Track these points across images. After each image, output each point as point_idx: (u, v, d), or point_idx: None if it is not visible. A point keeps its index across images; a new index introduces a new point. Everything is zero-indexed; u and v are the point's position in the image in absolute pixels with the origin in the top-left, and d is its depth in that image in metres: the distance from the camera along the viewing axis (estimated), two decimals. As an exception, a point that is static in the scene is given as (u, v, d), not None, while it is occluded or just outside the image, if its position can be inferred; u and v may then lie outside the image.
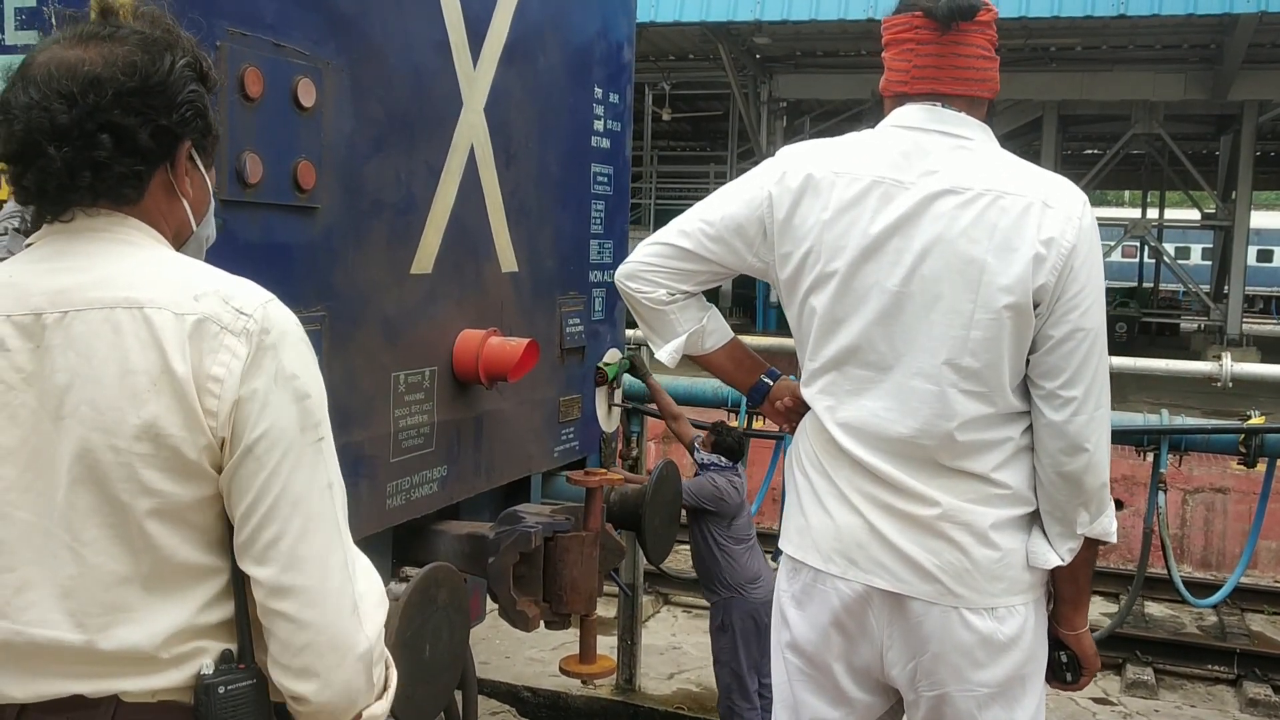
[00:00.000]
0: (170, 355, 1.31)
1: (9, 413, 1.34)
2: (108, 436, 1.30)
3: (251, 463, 1.33)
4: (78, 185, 1.36)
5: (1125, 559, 8.17)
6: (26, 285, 1.37)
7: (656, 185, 24.21)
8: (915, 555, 2.13)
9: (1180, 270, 21.46)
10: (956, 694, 2.16)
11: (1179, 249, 29.97)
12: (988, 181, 2.10)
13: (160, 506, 1.33)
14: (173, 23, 1.44)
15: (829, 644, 2.25)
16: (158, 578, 1.34)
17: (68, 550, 1.33)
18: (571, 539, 3.00)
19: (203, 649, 1.37)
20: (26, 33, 2.12)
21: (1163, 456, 4.29)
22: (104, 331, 1.32)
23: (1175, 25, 14.21)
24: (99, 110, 1.33)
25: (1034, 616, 2.19)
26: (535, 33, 3.22)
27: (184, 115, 1.41)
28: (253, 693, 1.37)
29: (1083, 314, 2.09)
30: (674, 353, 2.43)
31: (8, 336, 1.34)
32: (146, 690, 1.34)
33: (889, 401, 2.14)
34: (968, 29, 2.15)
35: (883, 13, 2.46)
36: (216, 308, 1.34)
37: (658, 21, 14.43)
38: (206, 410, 1.31)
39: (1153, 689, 5.93)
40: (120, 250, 1.39)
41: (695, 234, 2.32)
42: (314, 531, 1.37)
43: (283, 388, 1.35)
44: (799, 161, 2.24)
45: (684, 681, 5.59)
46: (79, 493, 1.32)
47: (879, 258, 2.13)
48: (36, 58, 1.37)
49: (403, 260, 2.73)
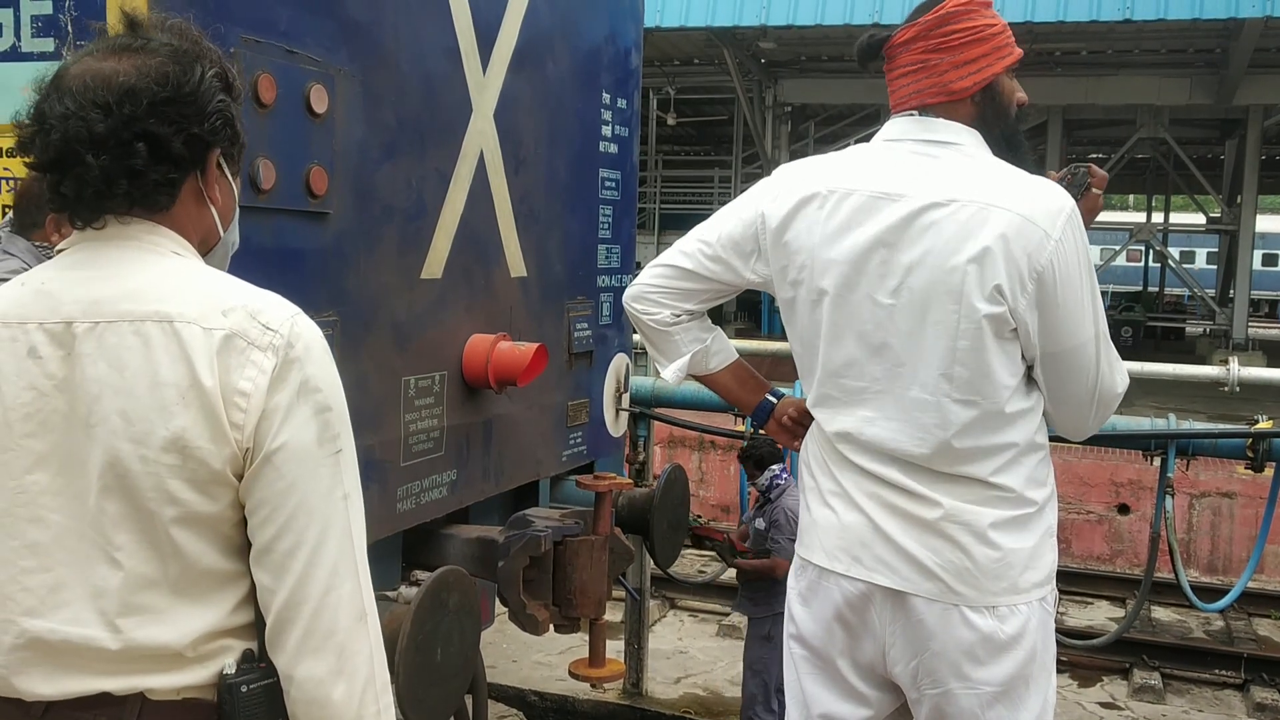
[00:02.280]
0: (199, 369, 1.34)
1: (40, 419, 1.36)
2: (137, 447, 1.33)
3: (270, 472, 1.36)
4: (114, 193, 1.38)
5: (1132, 564, 8.16)
6: (59, 294, 1.39)
7: (661, 190, 24.23)
8: (917, 553, 2.16)
9: (1185, 274, 21.45)
10: (959, 692, 2.18)
11: (1184, 253, 29.92)
12: (972, 194, 2.13)
13: (185, 515, 1.35)
14: (199, 34, 1.47)
15: (833, 639, 2.28)
16: (187, 582, 1.37)
17: (100, 553, 1.36)
18: (581, 543, 3.01)
19: (227, 647, 1.40)
20: (43, 40, 2.14)
21: (1170, 461, 4.28)
22: (134, 344, 1.35)
23: (1180, 29, 14.21)
24: (135, 119, 1.35)
25: (1037, 617, 2.20)
26: (544, 39, 3.24)
27: (214, 124, 1.43)
28: (271, 691, 1.39)
29: (1073, 331, 2.13)
30: (678, 372, 2.50)
31: (40, 344, 1.37)
32: (172, 688, 1.37)
33: (887, 412, 2.18)
34: (893, 53, 2.27)
35: (888, 18, 2.50)
36: (244, 323, 1.37)
37: (663, 26, 14.47)
38: (233, 424, 1.34)
39: (1160, 694, 5.92)
40: (150, 259, 1.41)
41: (695, 254, 2.41)
42: (328, 541, 1.39)
43: (305, 401, 1.38)
44: (792, 179, 2.31)
45: (690, 685, 5.59)
46: (109, 500, 1.35)
47: (869, 271, 2.17)
48: (70, 69, 1.40)
49: (413, 265, 2.75)
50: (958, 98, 2.22)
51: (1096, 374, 2.19)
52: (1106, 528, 8.45)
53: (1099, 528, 8.43)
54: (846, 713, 2.30)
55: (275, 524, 1.37)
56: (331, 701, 1.39)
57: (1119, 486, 8.34)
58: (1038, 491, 2.21)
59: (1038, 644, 2.21)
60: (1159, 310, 25.17)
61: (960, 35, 2.20)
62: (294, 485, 1.37)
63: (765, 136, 18.16)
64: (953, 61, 2.21)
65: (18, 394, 1.36)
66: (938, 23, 2.20)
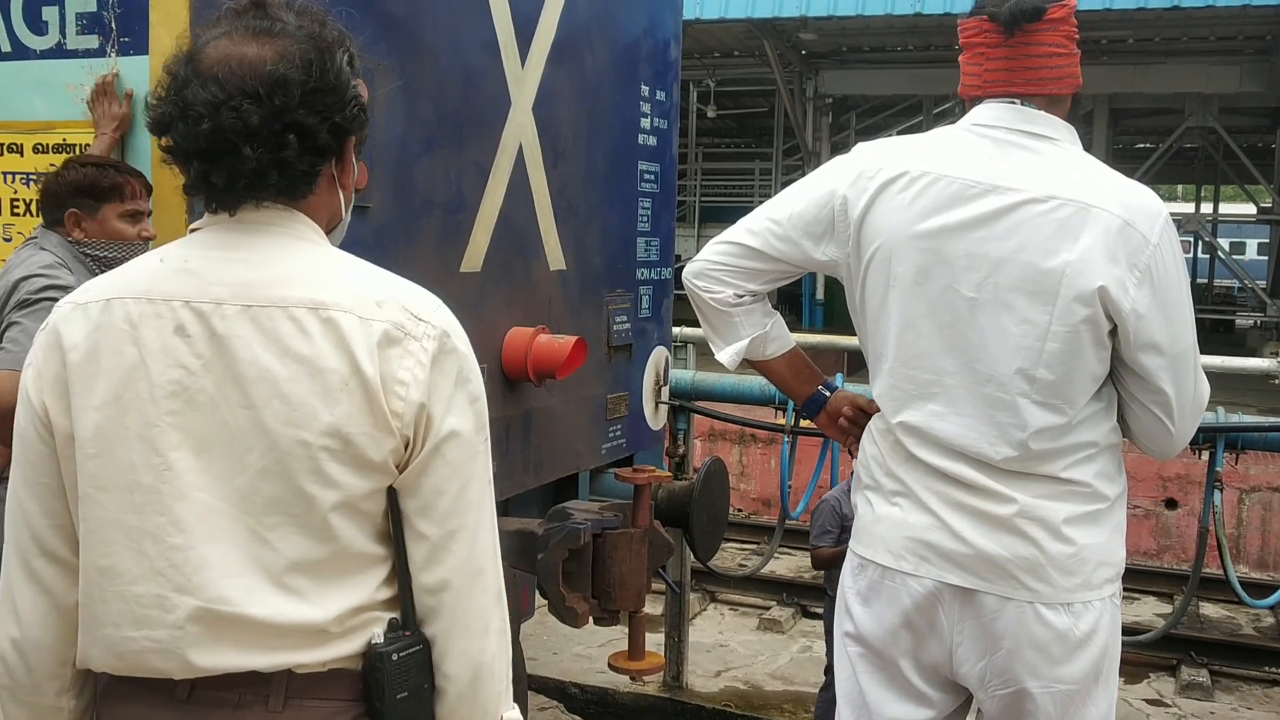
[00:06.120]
0: (360, 358, 1.36)
1: (187, 397, 1.37)
2: (297, 431, 1.36)
3: (436, 460, 1.41)
4: (265, 183, 1.39)
5: (1180, 559, 8.04)
6: (204, 273, 1.40)
7: (701, 182, 24.16)
8: (989, 550, 2.11)
9: (1236, 266, 21.06)
10: (1036, 691, 2.14)
11: (1234, 244, 29.41)
12: (1071, 192, 2.06)
13: (342, 500, 1.38)
14: (324, 14, 1.46)
15: (897, 641, 2.22)
16: (336, 563, 1.40)
17: (249, 532, 1.37)
18: (620, 535, 3.01)
19: (373, 619, 1.43)
20: (88, 37, 2.17)
21: (1218, 455, 4.21)
22: (290, 330, 1.37)
23: (1230, 16, 13.94)
24: (286, 110, 1.36)
25: (1109, 613, 2.16)
26: (583, 32, 3.23)
27: (352, 112, 1.44)
28: (421, 656, 1.44)
29: (1173, 337, 2.08)
30: (735, 355, 2.42)
31: (187, 322, 1.38)
32: (319, 661, 1.40)
33: (959, 408, 2.13)
34: (1036, 29, 2.12)
35: (930, 8, 2.45)
36: (399, 315, 1.40)
37: (703, 19, 14.39)
38: (393, 411, 1.37)
39: (1208, 691, 5.83)
40: (292, 245, 1.43)
41: (763, 233, 2.31)
42: (483, 525, 1.47)
43: (461, 390, 1.43)
44: (875, 160, 2.21)
45: (730, 679, 5.58)
46: (265, 481, 1.37)
47: (953, 261, 2.10)
48: (206, 51, 1.38)
49: (452, 259, 2.76)
50: (1075, 91, 2.17)
51: (1195, 383, 2.13)
52: (1154, 523, 8.33)
53: (1146, 523, 8.31)
54: (907, 714, 2.25)
55: (439, 509, 1.42)
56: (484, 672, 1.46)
57: (1166, 481, 8.22)
58: (1110, 487, 2.16)
59: (1109, 640, 2.17)
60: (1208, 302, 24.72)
61: (1075, 30, 2.16)
62: (456, 472, 1.42)
63: (806, 128, 18.04)
64: (1077, 55, 2.16)
65: (164, 370, 1.37)
66: (1069, 13, 2.13)
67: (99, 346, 1.38)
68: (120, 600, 1.38)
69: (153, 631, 1.37)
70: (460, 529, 1.43)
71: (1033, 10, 2.10)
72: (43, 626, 1.44)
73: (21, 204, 2.68)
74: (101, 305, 1.40)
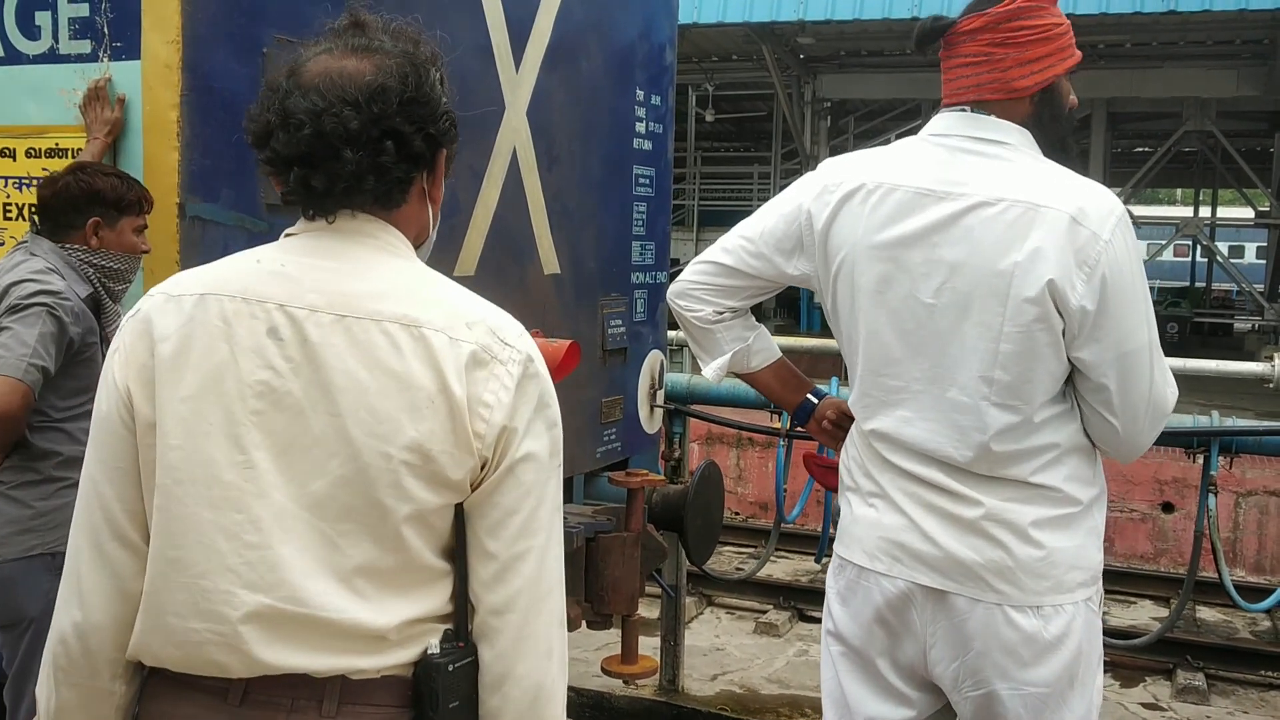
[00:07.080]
0: (449, 377, 1.39)
1: (275, 398, 1.39)
2: (381, 443, 1.38)
3: (511, 481, 1.44)
4: (362, 188, 1.42)
5: (1177, 562, 8.04)
6: (300, 279, 1.42)
7: (700, 187, 24.19)
8: (958, 552, 2.13)
9: (1233, 269, 21.09)
10: (1004, 693, 2.15)
11: (1232, 248, 29.42)
12: (1020, 193, 2.08)
13: (416, 513, 1.40)
14: (419, 36, 1.51)
15: (873, 640, 2.26)
16: (402, 574, 1.42)
17: (320, 536, 1.39)
18: (613, 539, 3.01)
19: (429, 630, 1.45)
20: (81, 42, 2.17)
21: (1213, 459, 4.22)
22: (383, 343, 1.39)
23: (1227, 20, 13.96)
24: (384, 117, 1.40)
25: (1082, 617, 2.17)
26: (577, 36, 3.24)
27: (445, 125, 1.49)
28: (471, 670, 1.45)
29: (1123, 335, 2.08)
30: (719, 369, 2.51)
31: (281, 325, 1.40)
32: (375, 668, 1.41)
33: (925, 413, 2.16)
34: (955, 41, 2.19)
35: (927, 12, 2.47)
36: (487, 339, 1.44)
37: (700, 23, 14.42)
38: (475, 433, 1.40)
39: (1204, 695, 5.83)
40: (386, 259, 1.46)
41: (737, 250, 2.39)
42: (551, 549, 1.48)
43: (540, 415, 1.46)
44: (836, 175, 2.28)
45: (727, 683, 5.58)
46: (342, 489, 1.39)
47: (912, 269, 2.14)
48: (307, 66, 1.43)
49: (446, 262, 2.76)
50: (1017, 96, 2.16)
51: (1150, 383, 2.13)
52: (1150, 526, 8.33)
53: (1142, 526, 8.32)
54: (886, 712, 2.28)
55: (510, 529, 1.44)
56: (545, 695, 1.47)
57: (1163, 484, 8.22)
58: (1083, 490, 2.17)
59: (1083, 645, 2.18)
60: (1206, 306, 24.77)
61: (1029, 32, 2.14)
62: (529, 494, 1.45)
63: (804, 132, 18.06)
64: (1018, 59, 2.15)
65: (254, 370, 1.39)
66: (1008, 16, 2.14)
67: (191, 340, 1.40)
68: (186, 592, 1.39)
69: (218, 625, 1.38)
70: (529, 550, 1.45)
71: (931, 30, 2.21)
72: (106, 611, 1.44)
73: (14, 209, 2.68)
74: (196, 299, 1.42)
